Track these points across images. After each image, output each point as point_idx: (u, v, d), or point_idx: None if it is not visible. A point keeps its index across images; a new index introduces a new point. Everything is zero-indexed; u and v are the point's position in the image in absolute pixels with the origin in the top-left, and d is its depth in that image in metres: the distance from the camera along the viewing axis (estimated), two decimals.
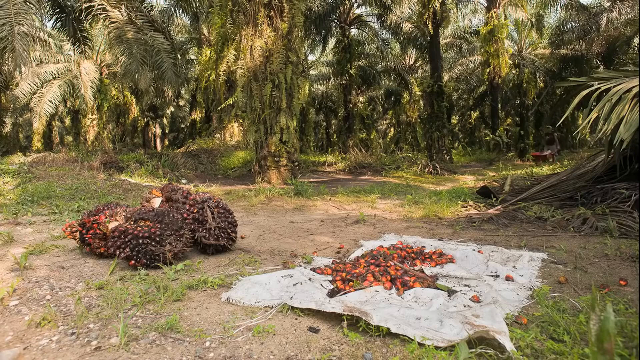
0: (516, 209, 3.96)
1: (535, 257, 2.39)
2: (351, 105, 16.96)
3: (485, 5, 16.04)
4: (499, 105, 18.29)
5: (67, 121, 26.71)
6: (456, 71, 21.59)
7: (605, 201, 3.48)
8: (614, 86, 3.09)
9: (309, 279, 2.01)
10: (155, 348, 1.40)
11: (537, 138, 18.16)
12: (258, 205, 5.27)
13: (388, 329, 1.43)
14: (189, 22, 17.84)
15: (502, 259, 2.44)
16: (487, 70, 15.61)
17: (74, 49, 11.64)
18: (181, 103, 27.93)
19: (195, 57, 18.51)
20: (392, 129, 27.74)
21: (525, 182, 5.72)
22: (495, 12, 15.11)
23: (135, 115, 22.78)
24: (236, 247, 2.87)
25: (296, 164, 8.04)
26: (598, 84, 3.24)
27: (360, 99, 18.09)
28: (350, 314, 1.53)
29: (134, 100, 21.35)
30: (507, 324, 1.45)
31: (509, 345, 1.27)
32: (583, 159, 5.09)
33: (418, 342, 1.35)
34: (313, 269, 2.21)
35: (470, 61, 20.84)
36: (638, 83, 2.96)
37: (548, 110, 17.41)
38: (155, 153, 13.94)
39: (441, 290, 1.85)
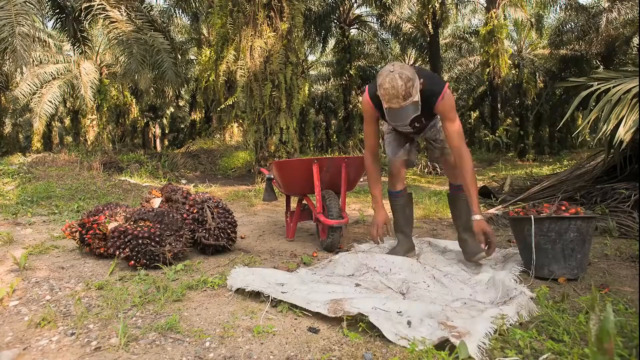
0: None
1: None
2: (351, 105, 16.95)
3: (485, 5, 16.05)
4: (499, 105, 18.30)
5: (67, 121, 26.69)
6: (456, 71, 21.59)
7: (605, 201, 3.48)
8: (614, 86, 3.09)
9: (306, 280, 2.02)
10: (155, 348, 1.40)
11: (537, 138, 18.18)
12: (258, 205, 5.28)
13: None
14: (188, 22, 17.83)
15: (501, 258, 2.44)
16: (487, 70, 15.62)
17: (74, 49, 11.64)
18: (181, 103, 27.92)
19: (195, 58, 18.51)
20: None
21: (525, 182, 5.72)
22: (494, 13, 15.12)
23: (135, 115, 22.77)
24: (236, 248, 2.87)
25: None
26: (598, 84, 3.24)
27: (360, 99, 18.08)
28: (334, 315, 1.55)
29: (133, 100, 21.33)
30: (509, 324, 1.45)
31: (471, 348, 1.26)
32: (583, 159, 5.10)
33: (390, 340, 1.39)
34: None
35: (470, 61, 20.84)
36: (638, 83, 2.96)
37: (548, 111, 17.42)
38: (155, 153, 13.95)
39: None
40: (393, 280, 2.03)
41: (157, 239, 2.31)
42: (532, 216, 2.01)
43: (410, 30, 16.64)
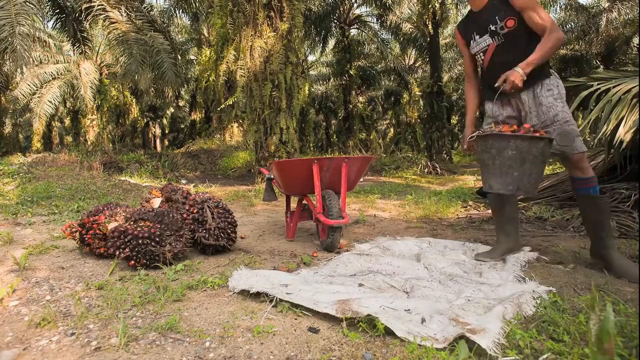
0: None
1: (530, 257, 2.39)
2: (351, 105, 16.95)
3: None
4: None
5: (67, 122, 26.71)
6: (456, 71, 21.59)
7: None
8: (614, 87, 3.09)
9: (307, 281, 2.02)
10: (155, 348, 1.40)
11: None
12: (258, 205, 5.28)
13: (386, 327, 1.43)
14: (189, 22, 17.84)
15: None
16: None
17: (74, 50, 11.64)
18: (181, 103, 27.93)
19: (195, 58, 18.51)
20: (392, 130, 27.74)
21: None
22: None
23: (135, 115, 22.76)
24: (236, 248, 2.87)
25: None
26: (598, 84, 3.24)
27: (360, 99, 18.08)
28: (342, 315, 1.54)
29: (133, 100, 21.34)
30: (510, 323, 1.45)
31: (484, 343, 1.27)
32: None
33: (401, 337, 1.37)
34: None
35: None
36: (638, 83, 2.96)
37: None
38: (155, 153, 13.95)
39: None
40: (396, 280, 2.03)
41: (157, 239, 2.31)
42: (478, 134, 2.07)
43: (411, 30, 16.63)
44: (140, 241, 2.28)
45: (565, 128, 2.01)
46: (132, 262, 2.28)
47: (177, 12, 15.70)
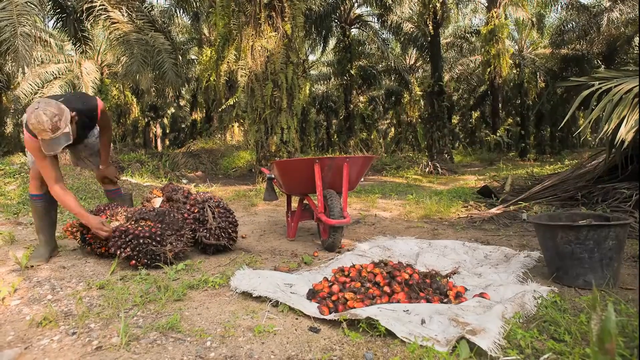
0: (517, 209, 3.96)
1: (532, 256, 2.39)
2: (352, 105, 16.93)
3: (486, 5, 16.03)
4: (500, 105, 18.28)
5: None
6: (457, 71, 21.56)
7: (606, 201, 3.48)
8: (615, 86, 3.08)
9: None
10: (156, 348, 1.40)
11: (538, 138, 18.17)
12: (259, 205, 5.28)
13: (387, 328, 1.43)
14: (189, 22, 17.83)
15: (503, 257, 2.44)
16: (488, 70, 15.60)
17: (75, 49, 11.64)
18: (182, 103, 27.93)
19: (196, 57, 18.52)
20: (392, 129, 27.72)
21: (526, 182, 5.71)
22: (495, 12, 15.10)
23: (136, 115, 22.78)
24: (237, 247, 2.87)
25: None
26: (599, 84, 3.23)
27: (361, 98, 18.07)
28: (341, 318, 1.54)
29: (134, 100, 21.35)
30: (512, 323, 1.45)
31: (484, 344, 1.27)
32: (584, 158, 5.10)
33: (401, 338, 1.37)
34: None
35: (471, 61, 20.83)
36: (639, 83, 2.96)
37: (549, 110, 17.41)
38: (156, 153, 13.95)
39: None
40: None
41: (158, 239, 2.32)
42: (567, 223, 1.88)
43: (411, 30, 16.60)
44: (141, 241, 2.28)
45: (95, 152, 2.86)
46: (133, 261, 2.28)
47: (178, 11, 15.70)
